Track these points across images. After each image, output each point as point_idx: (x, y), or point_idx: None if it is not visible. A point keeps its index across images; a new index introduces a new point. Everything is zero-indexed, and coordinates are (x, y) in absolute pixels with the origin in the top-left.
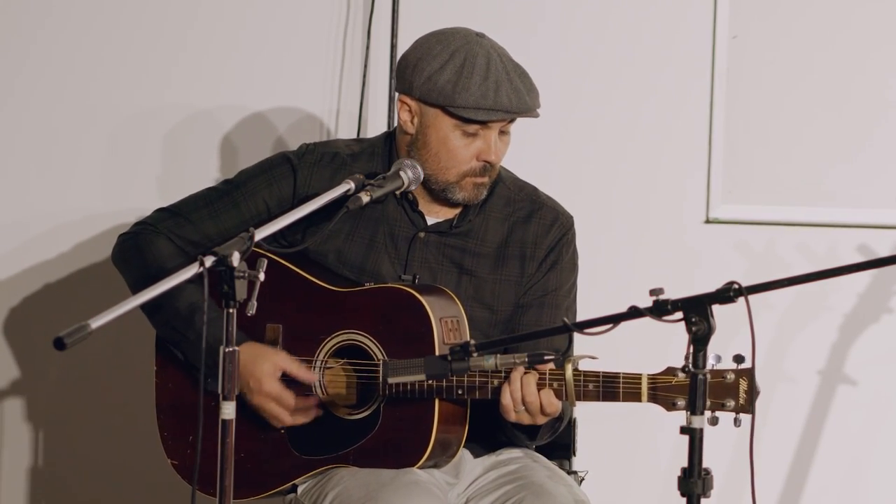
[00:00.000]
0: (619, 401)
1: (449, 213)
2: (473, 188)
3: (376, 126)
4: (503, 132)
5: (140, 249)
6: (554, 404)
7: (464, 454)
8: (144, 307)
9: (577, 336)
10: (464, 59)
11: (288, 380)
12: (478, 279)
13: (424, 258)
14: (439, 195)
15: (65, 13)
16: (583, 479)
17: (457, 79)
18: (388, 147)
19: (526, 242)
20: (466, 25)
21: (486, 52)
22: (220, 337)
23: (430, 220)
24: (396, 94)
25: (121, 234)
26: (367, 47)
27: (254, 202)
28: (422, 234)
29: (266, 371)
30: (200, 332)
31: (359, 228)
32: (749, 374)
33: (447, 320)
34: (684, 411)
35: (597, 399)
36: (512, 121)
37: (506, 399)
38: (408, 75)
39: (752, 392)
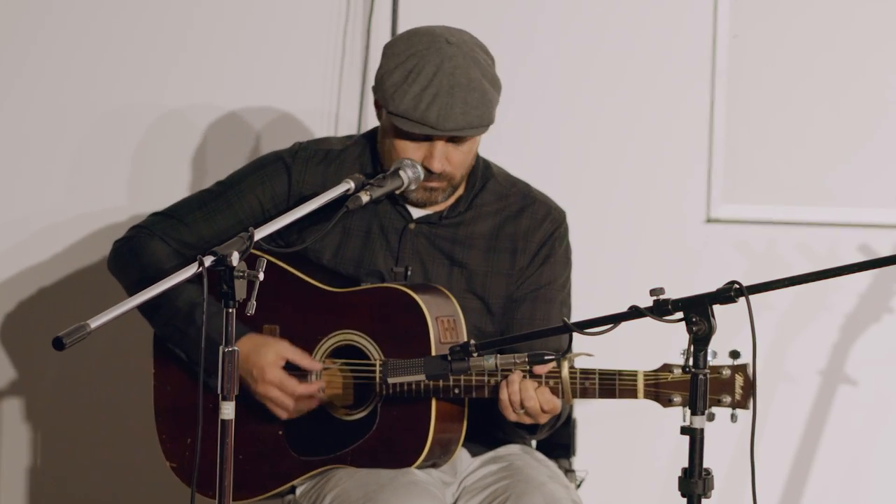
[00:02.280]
0: (615, 397)
1: (437, 206)
2: (424, 191)
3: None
4: (455, 141)
5: (135, 253)
6: (552, 402)
7: (461, 453)
8: (143, 308)
9: (576, 335)
10: (413, 65)
11: (290, 368)
12: (469, 270)
13: (416, 249)
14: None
15: (65, 14)
16: (583, 479)
17: (399, 84)
18: (375, 140)
19: (517, 236)
20: (466, 25)
21: (439, 62)
22: (222, 332)
23: (417, 214)
24: None
25: (115, 241)
26: (367, 47)
27: (247, 201)
28: (412, 226)
29: (269, 360)
30: (201, 327)
31: (353, 223)
32: (745, 369)
33: (443, 319)
34: (680, 407)
35: (594, 396)
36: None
37: (503, 395)
38: (378, 69)
39: (752, 387)
